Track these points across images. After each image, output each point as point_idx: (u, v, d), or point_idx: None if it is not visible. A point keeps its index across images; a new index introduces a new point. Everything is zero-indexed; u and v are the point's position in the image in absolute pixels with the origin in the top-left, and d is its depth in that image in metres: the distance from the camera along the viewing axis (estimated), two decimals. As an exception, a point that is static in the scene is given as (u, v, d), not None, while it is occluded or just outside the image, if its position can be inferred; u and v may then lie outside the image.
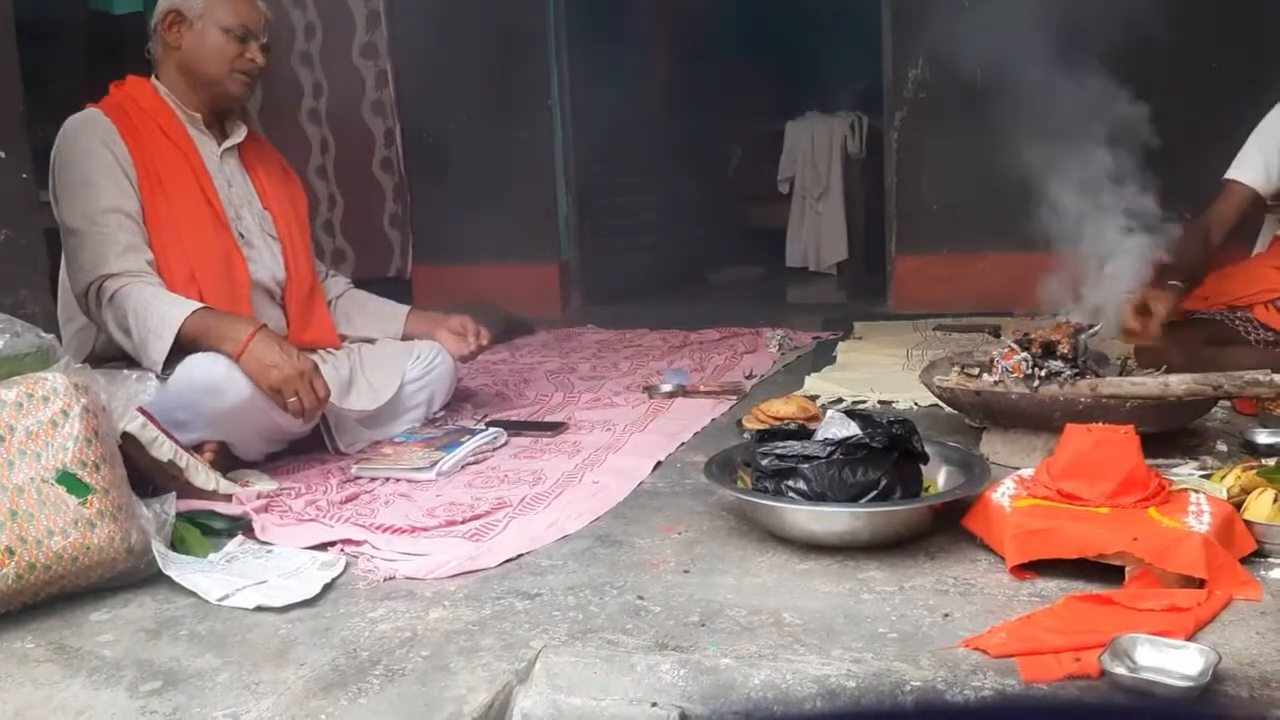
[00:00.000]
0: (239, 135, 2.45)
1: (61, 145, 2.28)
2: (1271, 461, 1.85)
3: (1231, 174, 2.58)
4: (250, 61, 2.36)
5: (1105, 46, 3.73)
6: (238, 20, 2.34)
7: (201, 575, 1.68)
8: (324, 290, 2.62)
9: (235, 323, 2.18)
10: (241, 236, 2.38)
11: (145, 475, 1.92)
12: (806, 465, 1.72)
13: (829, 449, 1.73)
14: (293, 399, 2.15)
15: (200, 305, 2.18)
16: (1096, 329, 2.18)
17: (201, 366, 2.13)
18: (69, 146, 2.26)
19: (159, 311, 2.15)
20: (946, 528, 1.74)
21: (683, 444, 2.41)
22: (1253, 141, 2.59)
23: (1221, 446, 2.11)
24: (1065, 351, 2.09)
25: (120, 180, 2.23)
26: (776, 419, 2.33)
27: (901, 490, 1.73)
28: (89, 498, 1.62)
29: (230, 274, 2.31)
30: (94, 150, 2.23)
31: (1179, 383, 2.01)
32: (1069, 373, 2.07)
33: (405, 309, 2.73)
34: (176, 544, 1.79)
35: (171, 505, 1.83)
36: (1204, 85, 3.72)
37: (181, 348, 2.15)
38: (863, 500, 1.70)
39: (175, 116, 2.36)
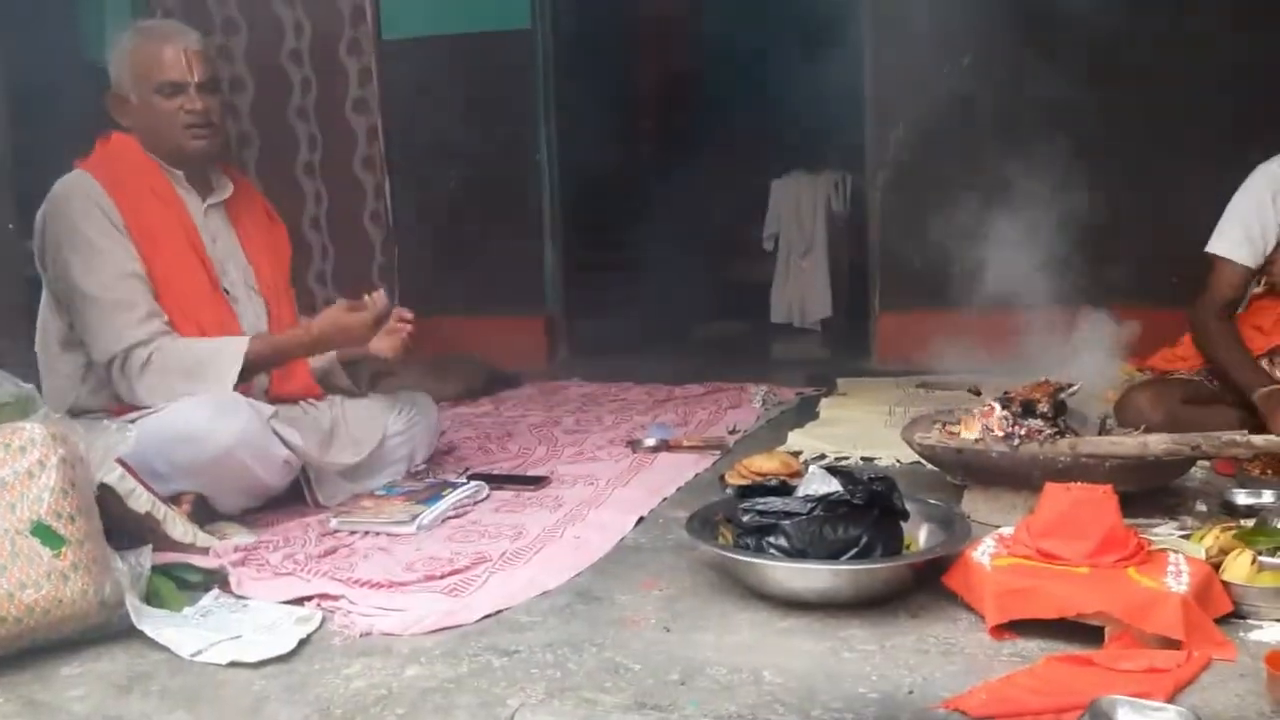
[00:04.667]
0: (224, 191, 2.43)
1: (55, 210, 2.25)
2: (1250, 522, 1.85)
3: (1221, 251, 2.54)
4: (190, 113, 2.27)
5: (1081, 111, 3.83)
6: (164, 75, 2.26)
7: (175, 629, 1.66)
8: None
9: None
10: (227, 292, 2.37)
11: (121, 527, 1.90)
12: (787, 522, 1.72)
13: (810, 505, 1.73)
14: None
15: (250, 337, 2.25)
16: (1076, 388, 2.20)
17: (183, 414, 2.12)
18: (66, 211, 2.23)
19: (210, 357, 2.20)
20: (928, 585, 1.74)
21: (665, 499, 2.40)
22: (1234, 214, 2.54)
23: (1201, 506, 2.12)
24: (1045, 410, 2.11)
25: (124, 242, 2.22)
26: (759, 475, 2.33)
27: (882, 547, 1.73)
28: (63, 550, 1.60)
29: (224, 332, 2.29)
30: (92, 214, 2.21)
31: (1157, 443, 2.03)
32: (1049, 431, 2.08)
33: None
34: (151, 597, 1.76)
35: (147, 558, 1.81)
36: (1177, 151, 3.79)
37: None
38: (844, 557, 1.70)
39: (162, 174, 2.34)
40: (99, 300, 2.19)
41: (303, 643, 1.64)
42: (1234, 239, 2.53)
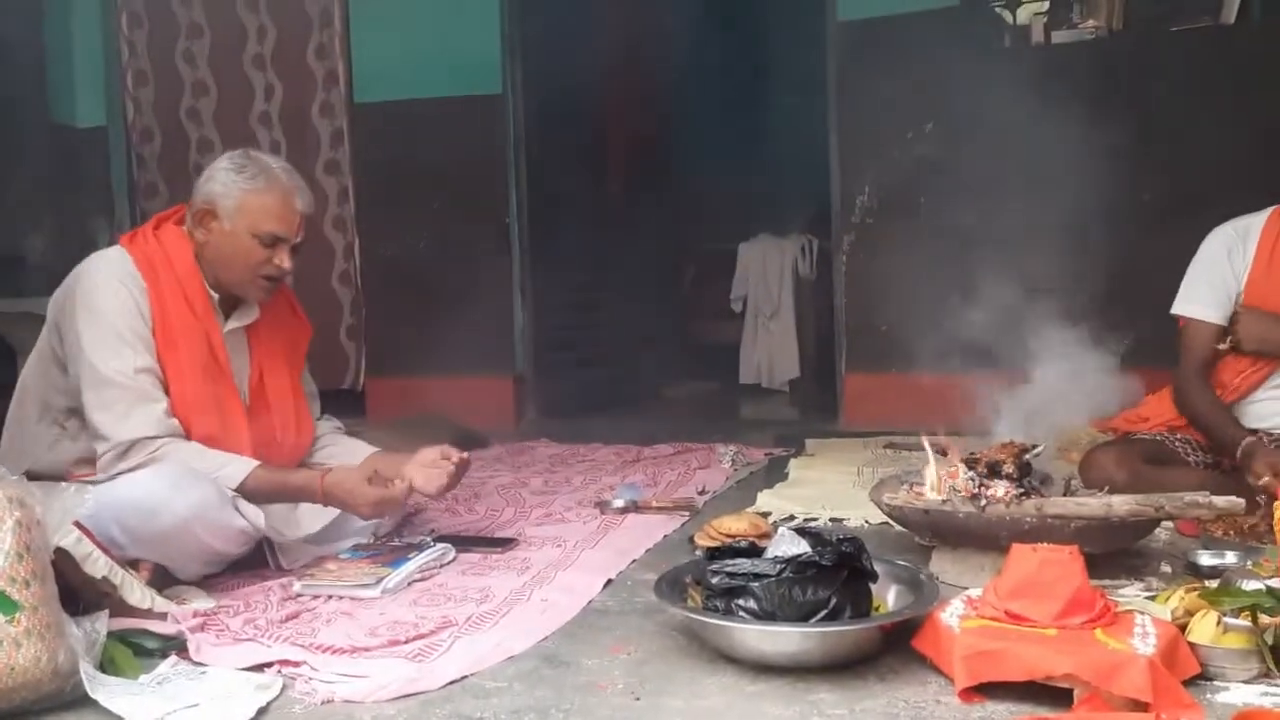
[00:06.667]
0: (246, 319, 2.36)
1: (87, 287, 2.18)
2: (1214, 583, 1.87)
3: (1188, 313, 2.59)
4: (276, 267, 2.27)
5: (1043, 175, 3.93)
6: (271, 226, 2.24)
7: (130, 699, 1.61)
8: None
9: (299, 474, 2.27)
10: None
11: (77, 591, 1.85)
12: (756, 584, 1.71)
13: (779, 567, 1.72)
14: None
15: (255, 464, 2.19)
16: (1040, 449, 2.22)
17: (141, 483, 2.08)
18: (99, 292, 2.17)
19: (212, 470, 2.14)
20: (897, 647, 1.73)
21: (634, 561, 2.39)
22: (1195, 275, 2.61)
23: (1165, 568, 2.13)
24: (1010, 471, 2.13)
25: (147, 338, 2.17)
26: (728, 536, 2.32)
27: (851, 609, 1.72)
28: (16, 615, 1.56)
29: (235, 445, 2.25)
30: (126, 305, 2.16)
31: (1122, 504, 2.05)
32: (1015, 492, 2.10)
33: (371, 451, 2.53)
34: (106, 664, 1.72)
35: (103, 624, 1.76)
36: (1135, 217, 3.89)
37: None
38: (813, 619, 1.69)
39: (203, 287, 2.27)
40: (122, 387, 2.13)
41: (262, 711, 1.60)
42: (1199, 298, 2.60)
